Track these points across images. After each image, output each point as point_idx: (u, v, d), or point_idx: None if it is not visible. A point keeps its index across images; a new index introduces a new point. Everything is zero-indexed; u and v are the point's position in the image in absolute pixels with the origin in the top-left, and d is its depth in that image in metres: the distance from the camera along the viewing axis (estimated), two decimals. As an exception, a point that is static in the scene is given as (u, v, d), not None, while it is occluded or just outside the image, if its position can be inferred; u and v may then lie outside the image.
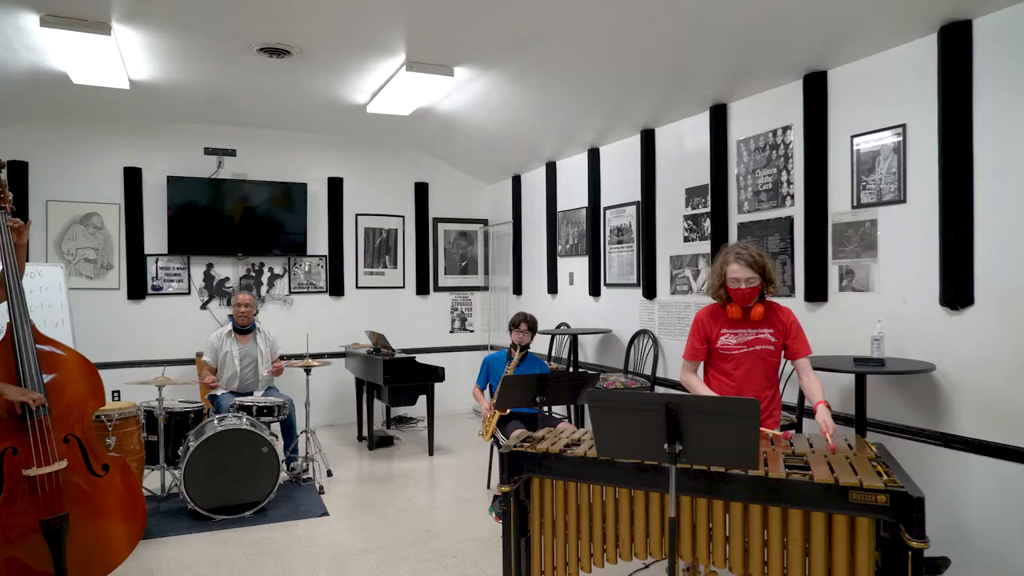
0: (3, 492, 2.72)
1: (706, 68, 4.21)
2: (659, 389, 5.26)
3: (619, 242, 5.84)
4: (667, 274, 5.28)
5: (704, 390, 3.09)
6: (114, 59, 4.37)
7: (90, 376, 3.03)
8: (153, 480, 4.88)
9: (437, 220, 7.72)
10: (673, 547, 2.22)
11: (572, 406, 5.65)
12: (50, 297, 5.34)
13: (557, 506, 2.73)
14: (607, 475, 2.58)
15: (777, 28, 3.56)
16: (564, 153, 6.52)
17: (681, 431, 2.12)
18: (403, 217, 7.53)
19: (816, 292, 4.02)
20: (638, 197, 5.53)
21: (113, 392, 4.58)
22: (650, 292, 5.41)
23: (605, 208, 6.02)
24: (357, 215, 7.31)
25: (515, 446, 2.79)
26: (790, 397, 4.14)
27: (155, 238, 6.47)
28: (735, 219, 4.64)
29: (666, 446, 2.14)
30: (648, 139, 5.42)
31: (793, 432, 3.87)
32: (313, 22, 3.97)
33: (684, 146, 5.10)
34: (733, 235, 4.65)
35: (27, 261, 3.10)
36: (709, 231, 4.81)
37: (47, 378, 2.87)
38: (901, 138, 3.55)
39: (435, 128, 6.40)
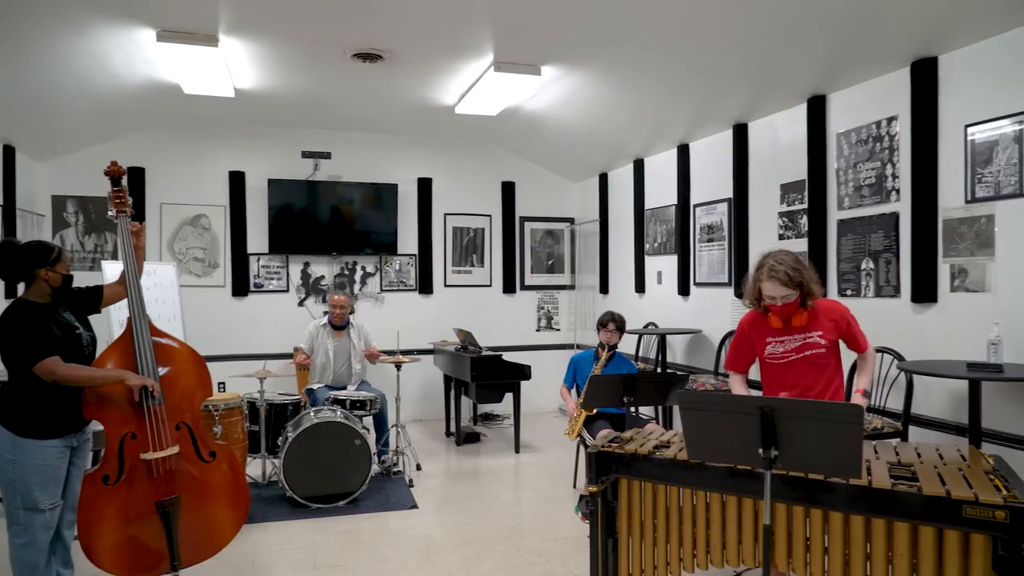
0: (124, 473, 2.93)
1: (803, 58, 4.04)
2: (751, 392, 5.08)
3: (709, 240, 5.69)
4: (760, 273, 5.09)
5: None
6: (221, 69, 4.63)
7: (199, 368, 3.21)
8: (254, 468, 5.13)
9: (524, 219, 7.76)
10: (767, 556, 2.15)
11: (660, 407, 5.55)
12: (164, 294, 5.72)
13: (645, 508, 2.69)
14: (698, 479, 2.52)
15: (881, 13, 3.38)
16: (652, 150, 6.41)
17: (777, 435, 2.04)
18: (490, 216, 7.62)
19: (924, 293, 3.78)
20: (730, 194, 5.37)
21: (219, 383, 4.83)
22: (743, 291, 5.24)
23: (695, 205, 5.88)
24: (445, 214, 7.45)
25: (603, 446, 2.76)
26: (895, 403, 3.92)
27: (257, 238, 6.82)
28: (834, 215, 4.43)
29: (760, 451, 2.07)
30: (740, 134, 5.25)
31: (899, 440, 3.68)
32: (405, 27, 4.08)
33: (779, 140, 4.92)
34: (832, 232, 4.44)
35: (144, 260, 3.31)
36: (806, 228, 4.61)
37: (162, 370, 3.06)
38: (1023, 126, 3.29)
39: (522, 127, 6.44)
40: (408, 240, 7.30)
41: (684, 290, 5.99)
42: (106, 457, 2.92)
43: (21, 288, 2.89)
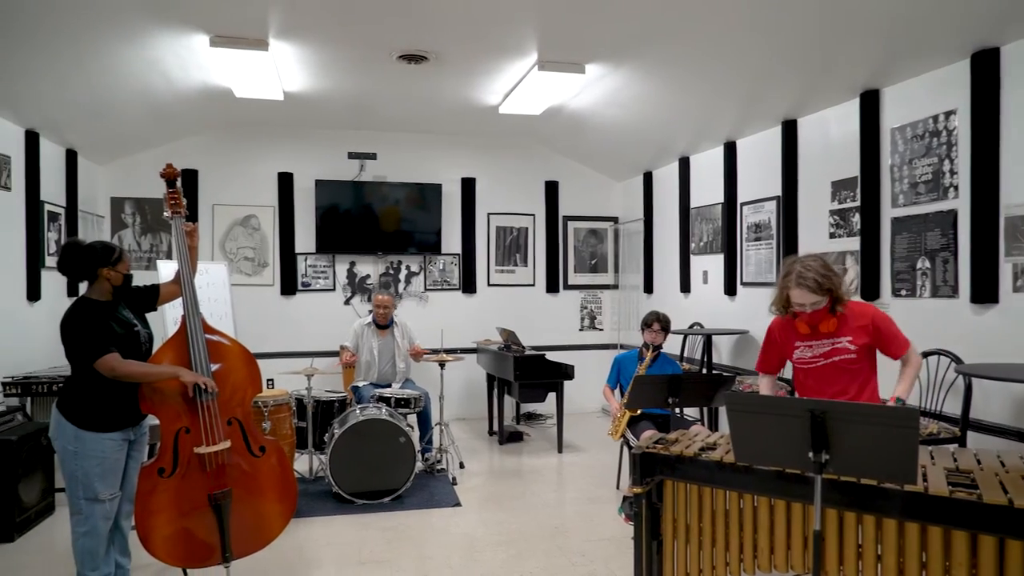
0: (178, 466, 3.02)
1: (855, 52, 3.93)
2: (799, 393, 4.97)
3: (757, 239, 5.58)
4: (810, 273, 4.97)
5: None
6: (271, 73, 4.73)
7: (250, 365, 3.29)
8: (302, 463, 5.23)
9: (567, 218, 7.73)
10: (818, 562, 2.10)
11: (705, 409, 5.47)
12: (215, 292, 5.87)
13: (691, 511, 2.65)
14: (745, 482, 2.47)
15: (939, 2, 3.26)
16: (698, 148, 6.32)
17: (829, 439, 1.99)
18: (533, 216, 7.61)
19: (985, 293, 3.64)
20: (778, 192, 5.26)
21: (268, 380, 4.94)
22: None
23: (742, 204, 5.78)
24: (489, 214, 7.47)
25: (648, 447, 2.74)
26: (952, 408, 3.79)
27: (304, 238, 6.96)
28: (888, 213, 4.30)
29: (811, 454, 2.02)
30: (789, 130, 5.14)
31: (956, 446, 3.55)
32: (449, 28, 4.10)
33: (830, 136, 4.79)
34: (886, 230, 4.31)
35: (198, 260, 3.40)
36: (858, 227, 4.49)
37: (214, 366, 3.14)
38: (1092, 119, 3.14)
39: (565, 126, 6.42)
40: (452, 240, 7.34)
41: (731, 290, 5.90)
42: (161, 450, 3.02)
43: (83, 287, 3.01)
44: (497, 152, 7.44)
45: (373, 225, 7.01)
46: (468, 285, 7.40)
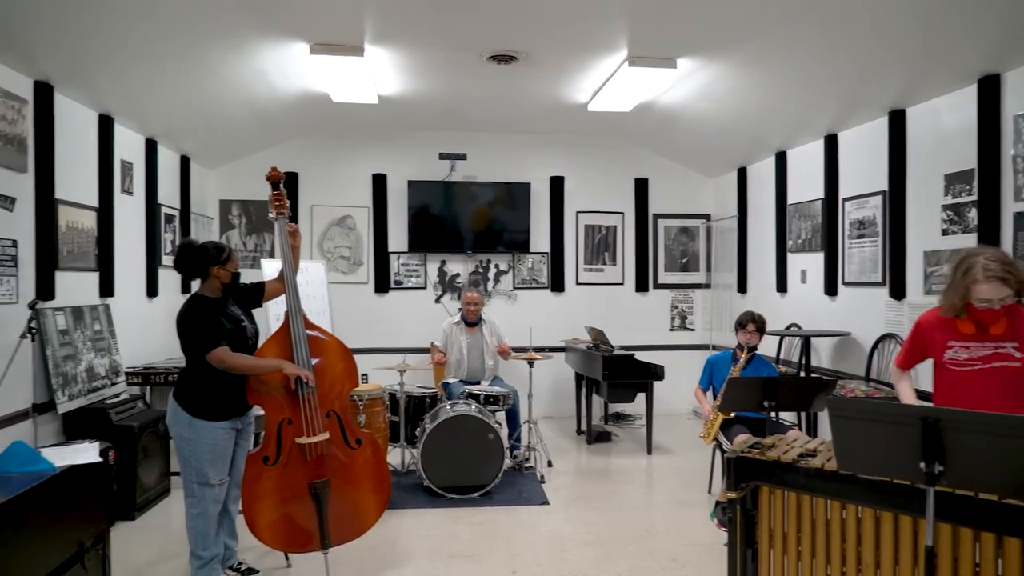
0: (281, 455, 3.18)
1: (972, 34, 3.66)
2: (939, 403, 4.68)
3: (860, 236, 5.30)
4: (919, 271, 4.68)
5: (911, 400, 2.94)
6: (366, 78, 4.89)
7: (347, 360, 3.41)
8: (394, 457, 5.37)
9: (657, 216, 7.60)
10: (930, 579, 1.97)
11: (803, 413, 5.26)
12: (314, 290, 6.12)
13: (789, 519, 2.55)
14: (848, 491, 2.36)
15: (1073, -20, 3.00)
16: (796, 142, 6.07)
17: (944, 450, 1.87)
18: (622, 214, 7.53)
19: (1124, 294, 3.32)
20: (884, 186, 4.98)
21: (362, 375, 5.10)
22: (898, 292, 4.84)
23: (844, 199, 5.50)
24: (577, 212, 7.44)
25: (743, 451, 2.66)
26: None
27: (397, 237, 7.15)
28: (1010, 208, 3.99)
29: (922, 465, 1.90)
30: (897, 121, 4.85)
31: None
32: (539, 26, 4.12)
33: (942, 126, 4.49)
34: (1007, 226, 4.00)
35: (300, 259, 3.55)
36: (975, 222, 4.19)
37: (314, 361, 3.28)
38: None
39: (656, 123, 6.31)
40: (540, 238, 7.36)
41: (831, 290, 5.63)
42: (266, 440, 3.18)
43: (195, 284, 3.21)
44: (586, 150, 7.40)
45: (463, 224, 7.12)
46: (556, 284, 7.40)
